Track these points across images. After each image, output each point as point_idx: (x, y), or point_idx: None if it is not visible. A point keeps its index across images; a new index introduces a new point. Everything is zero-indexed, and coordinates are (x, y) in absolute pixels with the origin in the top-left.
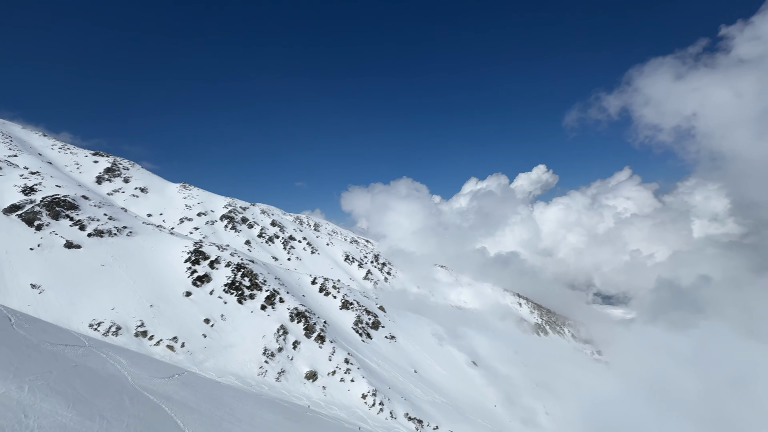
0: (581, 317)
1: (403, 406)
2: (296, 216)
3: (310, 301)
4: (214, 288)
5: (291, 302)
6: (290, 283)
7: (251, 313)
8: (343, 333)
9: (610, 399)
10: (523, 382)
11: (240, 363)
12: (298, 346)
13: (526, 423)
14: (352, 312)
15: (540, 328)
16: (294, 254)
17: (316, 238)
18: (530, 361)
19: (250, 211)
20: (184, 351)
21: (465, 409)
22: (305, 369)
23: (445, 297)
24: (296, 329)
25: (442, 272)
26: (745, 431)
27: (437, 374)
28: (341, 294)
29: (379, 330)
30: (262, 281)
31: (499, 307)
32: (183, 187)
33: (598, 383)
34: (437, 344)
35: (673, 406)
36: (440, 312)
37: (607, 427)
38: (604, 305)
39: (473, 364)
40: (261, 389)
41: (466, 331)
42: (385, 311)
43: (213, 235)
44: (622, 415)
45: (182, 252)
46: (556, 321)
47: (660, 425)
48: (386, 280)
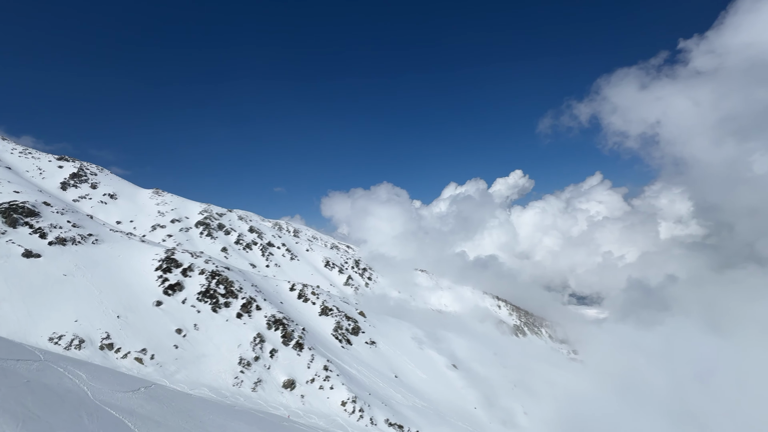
0: (557, 318)
1: (383, 411)
2: (275, 222)
3: (288, 308)
4: (187, 297)
5: (268, 310)
6: (268, 291)
7: (226, 322)
8: (323, 339)
9: (584, 396)
10: (502, 383)
11: (214, 374)
12: (275, 355)
13: (505, 424)
14: (331, 318)
15: (518, 329)
16: (273, 261)
17: (295, 244)
18: (509, 362)
19: (226, 218)
20: (153, 363)
21: (445, 412)
22: (283, 378)
23: (426, 301)
24: (274, 337)
25: (422, 276)
26: (709, 422)
27: (418, 378)
28: (320, 300)
29: (359, 336)
30: (238, 289)
31: (479, 309)
32: (156, 193)
33: (574, 382)
34: (417, 348)
35: (644, 400)
36: (421, 316)
37: (582, 424)
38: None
39: (453, 366)
40: (236, 400)
41: (445, 334)
42: (365, 316)
43: (188, 243)
44: (596, 412)
45: (153, 260)
46: (534, 322)
47: (631, 420)
48: (367, 285)
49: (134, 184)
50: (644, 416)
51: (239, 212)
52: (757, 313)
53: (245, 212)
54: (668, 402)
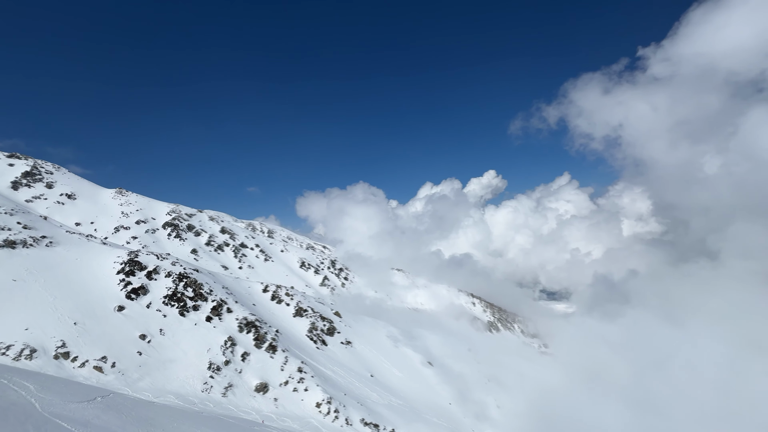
0: (529, 313)
1: (359, 411)
2: (249, 223)
3: (261, 310)
4: (152, 300)
5: (240, 312)
6: (239, 293)
7: (195, 326)
8: (297, 341)
9: (553, 388)
10: (476, 378)
11: (181, 380)
12: (247, 358)
13: (478, 417)
14: (306, 319)
15: (492, 325)
16: (246, 262)
17: (269, 245)
18: (482, 357)
19: (196, 218)
20: (114, 371)
21: (421, 409)
22: (255, 381)
23: (402, 300)
24: (245, 340)
25: (398, 275)
26: (665, 405)
27: (393, 377)
28: (295, 301)
29: (334, 336)
30: (208, 291)
31: (454, 307)
32: (119, 193)
33: (544, 374)
34: (393, 347)
35: (607, 388)
36: (397, 315)
37: (550, 413)
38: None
39: (428, 363)
40: (205, 407)
41: (421, 332)
42: (341, 317)
43: (154, 245)
44: (564, 401)
45: (115, 263)
46: (507, 318)
47: (596, 408)
48: (343, 285)
49: (95, 184)
50: (607, 403)
51: (210, 213)
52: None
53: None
54: (629, 388)
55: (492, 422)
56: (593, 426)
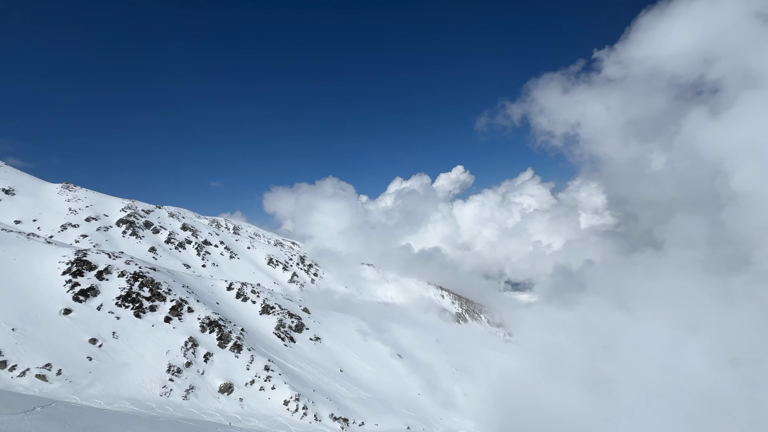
0: (495, 304)
1: (328, 407)
2: (213, 219)
3: (225, 308)
4: (104, 302)
5: (202, 311)
6: (201, 291)
7: (152, 327)
8: (264, 339)
9: (516, 373)
10: (444, 368)
11: (137, 385)
12: (210, 359)
13: (446, 406)
14: (273, 316)
15: (460, 316)
16: (210, 260)
17: (235, 242)
18: (450, 348)
19: (155, 215)
20: (61, 379)
21: (390, 401)
22: (219, 382)
23: (372, 294)
24: (208, 340)
25: (369, 270)
26: (615, 385)
27: (363, 370)
28: (261, 299)
29: (303, 332)
30: (167, 290)
31: (423, 300)
32: (66, 188)
33: (507, 361)
34: (362, 340)
35: (564, 372)
36: (367, 309)
37: (513, 398)
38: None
39: (398, 356)
40: (164, 411)
41: (390, 325)
42: (309, 313)
43: (107, 243)
44: (525, 386)
45: (60, 263)
46: (474, 309)
47: (554, 390)
48: (313, 281)
49: (38, 178)
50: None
51: (170, 209)
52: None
53: (177, 209)
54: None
55: (459, 410)
56: (551, 406)
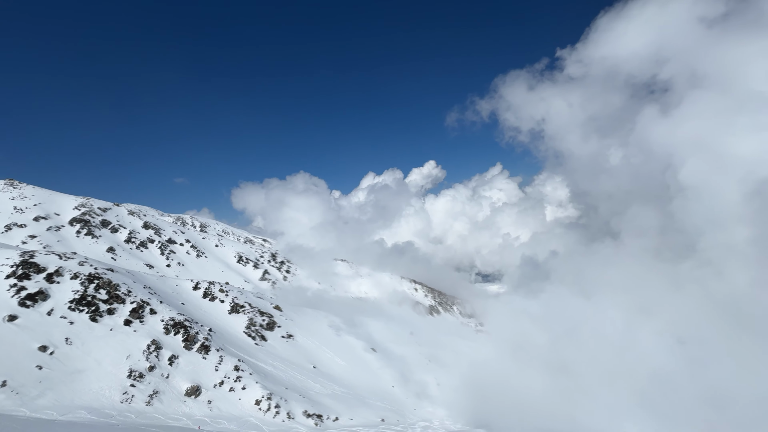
0: (466, 295)
1: (301, 404)
2: (177, 216)
3: (191, 308)
4: (55, 306)
5: (166, 313)
6: (165, 292)
7: (110, 331)
8: (233, 339)
9: (485, 361)
10: (417, 360)
11: (95, 392)
12: (175, 361)
13: (419, 396)
14: (243, 315)
15: (433, 308)
16: (175, 259)
17: (202, 240)
18: (424, 339)
19: (113, 213)
20: (6, 391)
21: (364, 395)
22: (186, 385)
23: (346, 290)
24: (173, 342)
25: (342, 266)
26: (576, 368)
27: (337, 366)
28: (230, 297)
29: (274, 330)
30: (126, 292)
31: (397, 293)
32: (9, 185)
33: (478, 350)
34: (335, 335)
35: (530, 357)
36: (340, 305)
37: (482, 384)
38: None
39: (371, 350)
40: (125, 418)
41: (363, 319)
42: (281, 310)
43: (59, 244)
44: (494, 372)
45: (3, 266)
46: (447, 301)
47: (521, 375)
48: (285, 278)
49: None
50: (530, 370)
51: (130, 206)
52: (610, 277)
53: (138, 206)
54: (547, 355)
55: (432, 399)
56: (518, 391)
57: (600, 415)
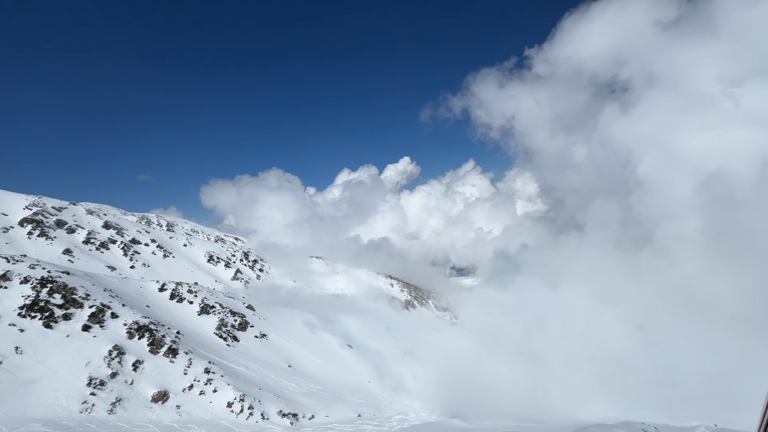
0: (441, 289)
1: (275, 404)
2: (142, 215)
3: (157, 311)
4: (2, 314)
5: (129, 316)
6: (128, 294)
7: (67, 338)
8: (204, 341)
9: (459, 353)
10: (393, 354)
11: (50, 404)
12: (140, 366)
13: (395, 390)
14: (213, 316)
15: (409, 303)
16: (139, 260)
17: (169, 240)
18: (400, 334)
19: (69, 212)
20: None
21: (341, 391)
22: (152, 391)
23: (322, 287)
24: (137, 347)
25: (317, 263)
26: (545, 355)
27: (312, 363)
28: (199, 298)
29: (247, 330)
30: (84, 296)
31: (373, 289)
32: None
33: (453, 342)
34: (310, 333)
35: (502, 347)
36: (316, 302)
37: (457, 375)
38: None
39: (348, 346)
40: (85, 429)
41: (339, 316)
42: (254, 310)
43: (8, 246)
44: (468, 363)
45: None
46: (422, 295)
47: (493, 364)
48: (258, 277)
49: None
50: (502, 359)
51: (89, 205)
52: (575, 268)
53: (98, 205)
54: (518, 344)
55: (408, 392)
56: (491, 379)
57: (567, 399)
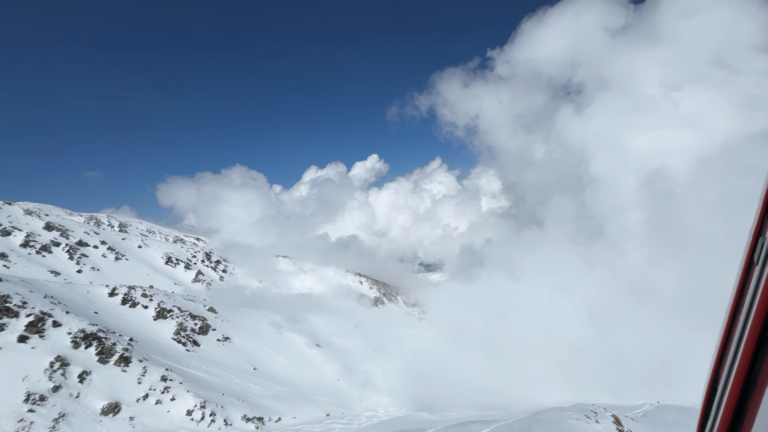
0: (410, 285)
1: (239, 409)
2: (91, 216)
3: (107, 317)
4: None
5: (73, 324)
6: (73, 301)
7: (0, 351)
8: (161, 347)
9: (426, 347)
10: (362, 351)
11: None
12: (87, 378)
13: (364, 387)
14: (171, 320)
15: (378, 300)
16: (87, 264)
17: (122, 241)
18: (369, 331)
19: (3, 213)
20: None
21: (309, 391)
22: (101, 403)
23: (289, 287)
24: (84, 357)
25: (284, 262)
26: (508, 345)
27: (279, 365)
28: (155, 302)
29: (209, 334)
30: (20, 304)
31: (341, 287)
32: None
33: (420, 337)
34: (276, 334)
35: (468, 339)
36: (282, 302)
37: (424, 369)
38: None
39: (315, 345)
40: None
41: (306, 315)
42: (216, 312)
43: None
44: (435, 356)
45: None
46: (391, 292)
47: (459, 356)
48: (222, 278)
49: None
50: (467, 350)
51: (27, 205)
52: (535, 261)
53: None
54: (482, 336)
55: (377, 388)
56: (456, 371)
57: (528, 386)
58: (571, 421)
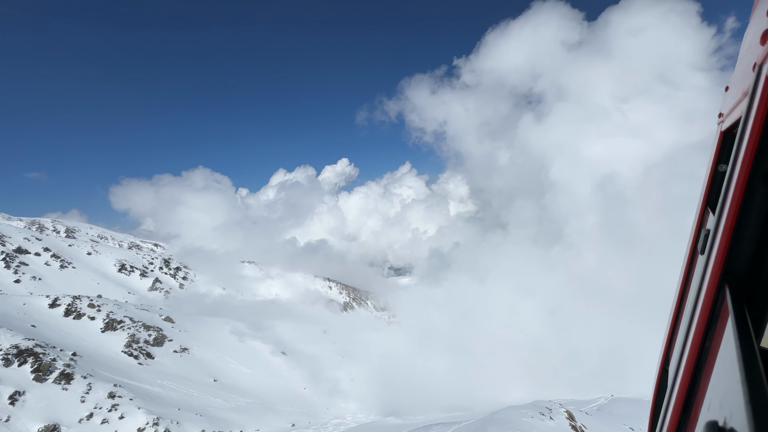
0: (379, 289)
1: (197, 424)
2: (33, 220)
3: (46, 331)
4: None
5: (5, 339)
6: (6, 313)
7: None
8: (109, 361)
9: (395, 350)
10: (330, 357)
11: None
12: (20, 398)
13: (332, 394)
14: (122, 332)
15: (347, 305)
16: (27, 273)
17: (68, 248)
18: (337, 336)
19: None
20: None
21: (273, 401)
22: (37, 426)
23: (255, 293)
24: (17, 375)
25: (250, 268)
26: (473, 346)
27: (241, 375)
28: (103, 313)
29: (164, 345)
30: None
31: (310, 293)
32: None
33: (389, 341)
34: (239, 342)
35: (435, 341)
36: (247, 310)
37: (392, 372)
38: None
39: (281, 353)
40: None
41: (271, 322)
42: (173, 322)
43: None
44: (403, 359)
45: None
46: (361, 296)
47: (426, 359)
48: (182, 286)
49: None
50: (435, 352)
51: None
52: (500, 264)
53: None
54: (449, 338)
55: (344, 395)
56: (424, 374)
57: (492, 386)
58: (526, 419)
